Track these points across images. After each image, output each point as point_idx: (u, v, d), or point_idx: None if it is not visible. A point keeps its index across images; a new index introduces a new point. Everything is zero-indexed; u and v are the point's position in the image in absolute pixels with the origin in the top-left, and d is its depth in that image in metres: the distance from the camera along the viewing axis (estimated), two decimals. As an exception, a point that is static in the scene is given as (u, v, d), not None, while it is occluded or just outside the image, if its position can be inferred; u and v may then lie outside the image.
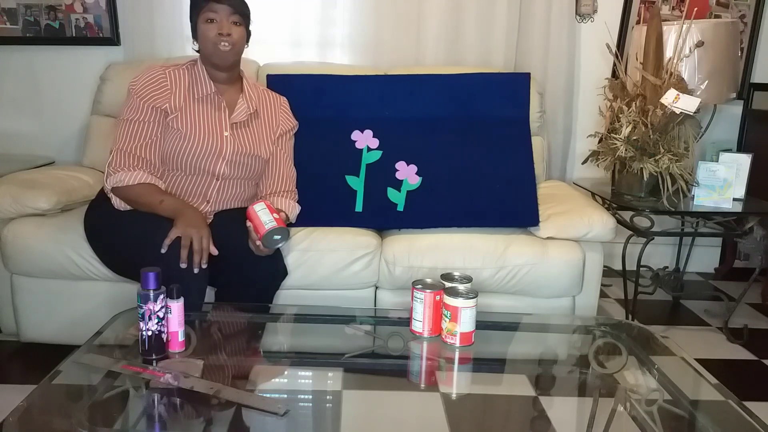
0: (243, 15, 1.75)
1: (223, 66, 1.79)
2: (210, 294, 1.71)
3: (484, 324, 1.46)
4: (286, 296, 1.85)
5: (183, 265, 1.52)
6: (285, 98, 1.99)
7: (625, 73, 2.38)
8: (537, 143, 2.33)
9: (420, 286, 1.43)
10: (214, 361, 1.38)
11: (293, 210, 1.88)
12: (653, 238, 2.23)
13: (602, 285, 2.15)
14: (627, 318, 2.33)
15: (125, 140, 1.72)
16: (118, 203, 1.72)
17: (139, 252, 1.58)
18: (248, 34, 1.81)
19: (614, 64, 2.50)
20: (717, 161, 2.31)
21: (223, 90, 1.83)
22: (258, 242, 1.60)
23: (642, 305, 2.47)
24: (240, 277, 1.64)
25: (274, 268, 1.76)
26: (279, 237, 1.60)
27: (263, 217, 1.59)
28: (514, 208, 2.05)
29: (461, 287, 1.43)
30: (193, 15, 1.76)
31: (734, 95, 2.53)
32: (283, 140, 1.94)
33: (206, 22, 1.72)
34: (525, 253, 1.92)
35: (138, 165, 1.70)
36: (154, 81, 1.76)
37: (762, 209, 2.33)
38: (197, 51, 1.82)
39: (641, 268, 2.34)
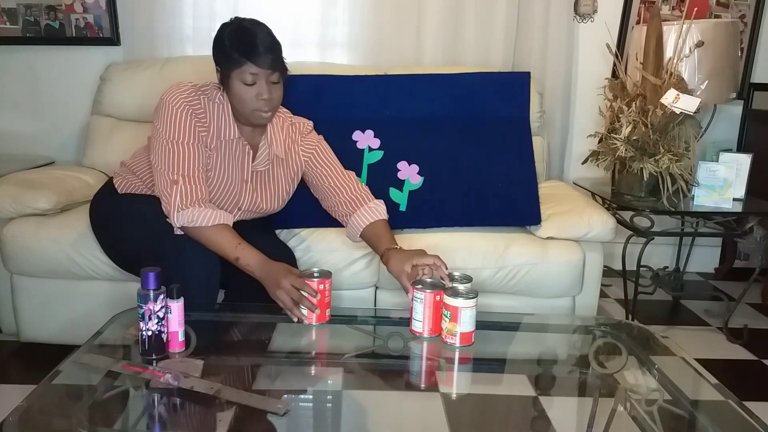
0: (282, 71, 1.59)
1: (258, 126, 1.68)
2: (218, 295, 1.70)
3: (484, 324, 1.46)
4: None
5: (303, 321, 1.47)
6: (309, 122, 1.86)
7: (625, 73, 2.38)
8: (537, 143, 2.33)
9: (420, 286, 1.43)
10: (214, 361, 1.38)
11: (383, 208, 1.77)
12: (653, 238, 2.23)
13: (602, 285, 2.15)
14: (627, 318, 2.33)
15: (187, 164, 1.56)
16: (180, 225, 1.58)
17: (145, 249, 1.58)
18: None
19: (614, 64, 2.50)
20: (717, 161, 2.31)
21: (246, 131, 1.69)
22: (309, 317, 1.47)
23: (642, 305, 2.47)
24: (251, 281, 1.64)
25: None
26: None
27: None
28: (516, 207, 2.05)
29: (461, 287, 1.43)
30: (225, 66, 1.56)
31: (734, 95, 2.53)
32: (315, 160, 1.80)
33: (243, 82, 1.54)
34: (525, 253, 1.92)
35: (202, 197, 1.57)
36: (197, 108, 1.61)
37: (762, 209, 2.33)
38: (218, 84, 1.64)
39: (641, 268, 2.34)
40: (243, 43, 1.53)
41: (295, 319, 1.46)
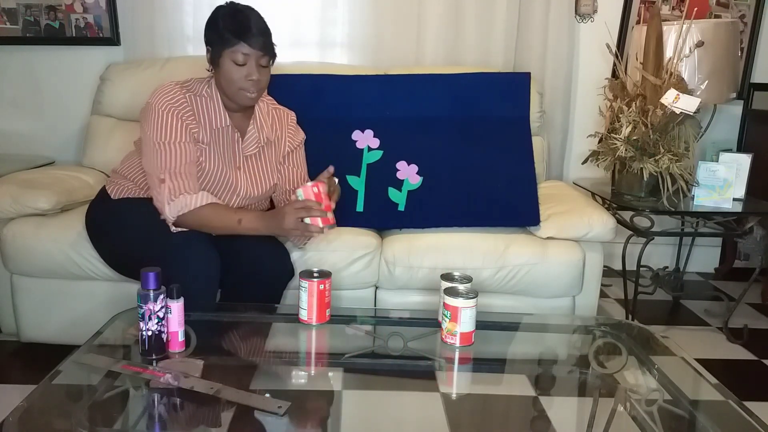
0: (272, 55, 1.65)
1: (243, 107, 1.72)
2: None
3: (484, 324, 1.46)
4: (285, 296, 1.85)
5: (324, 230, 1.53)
6: (293, 113, 1.91)
7: (625, 73, 2.38)
8: (537, 143, 2.33)
9: (306, 275, 1.47)
10: (214, 361, 1.38)
11: None
12: (653, 238, 2.23)
13: (602, 285, 2.15)
14: (627, 318, 2.33)
15: (172, 162, 1.59)
16: (174, 228, 1.61)
17: (144, 252, 1.58)
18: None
19: (614, 64, 2.50)
20: (717, 161, 2.31)
21: (236, 117, 1.73)
22: (321, 228, 1.52)
23: (642, 305, 2.47)
24: (248, 278, 1.63)
25: (282, 268, 1.75)
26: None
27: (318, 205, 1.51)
28: (515, 208, 2.05)
29: (461, 287, 1.43)
30: (217, 45, 1.61)
31: (734, 95, 2.53)
32: (292, 157, 1.86)
33: (234, 62, 1.59)
34: (525, 253, 1.92)
35: (192, 186, 1.60)
36: (183, 108, 1.63)
37: (762, 209, 2.33)
38: (209, 71, 1.70)
39: (641, 268, 2.34)
40: (238, 23, 1.59)
41: (306, 241, 1.53)
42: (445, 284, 1.45)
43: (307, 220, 1.52)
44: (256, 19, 1.61)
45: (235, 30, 1.58)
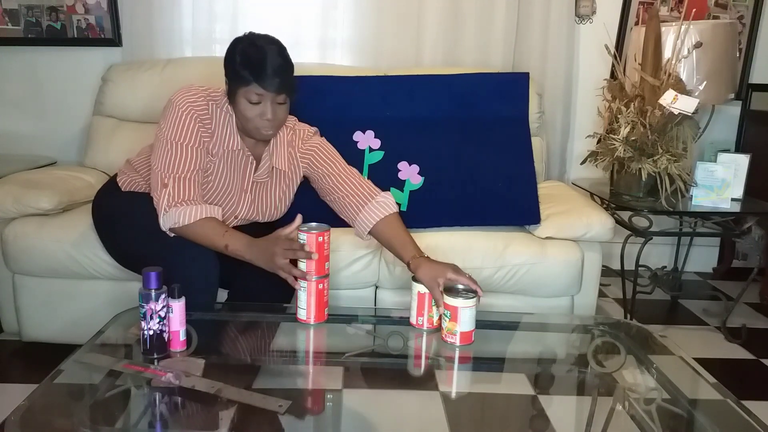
0: (290, 90, 1.58)
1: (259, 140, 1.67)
2: (221, 296, 1.70)
3: (483, 323, 1.47)
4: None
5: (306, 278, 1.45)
6: (313, 128, 1.84)
7: (624, 74, 2.39)
8: (536, 144, 2.34)
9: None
10: (215, 360, 1.38)
11: (392, 201, 1.72)
12: (651, 238, 2.24)
13: (601, 284, 2.16)
14: (625, 317, 2.34)
15: (180, 166, 1.56)
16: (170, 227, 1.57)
17: (144, 248, 1.59)
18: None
19: (613, 65, 2.51)
20: (715, 161, 2.32)
21: (249, 141, 1.68)
22: (303, 273, 1.45)
23: (640, 305, 2.47)
24: (255, 283, 1.63)
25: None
26: None
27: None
28: (515, 207, 2.06)
29: (461, 287, 1.44)
30: (233, 82, 1.55)
31: (732, 96, 2.53)
32: (317, 159, 1.77)
33: (248, 101, 1.54)
34: (524, 252, 1.93)
35: (190, 197, 1.55)
36: (203, 114, 1.61)
37: (760, 209, 2.34)
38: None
39: (640, 268, 2.35)
40: (252, 63, 1.51)
41: (301, 286, 1.44)
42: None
43: (302, 265, 1.45)
44: (272, 56, 1.52)
45: (249, 69, 1.51)
